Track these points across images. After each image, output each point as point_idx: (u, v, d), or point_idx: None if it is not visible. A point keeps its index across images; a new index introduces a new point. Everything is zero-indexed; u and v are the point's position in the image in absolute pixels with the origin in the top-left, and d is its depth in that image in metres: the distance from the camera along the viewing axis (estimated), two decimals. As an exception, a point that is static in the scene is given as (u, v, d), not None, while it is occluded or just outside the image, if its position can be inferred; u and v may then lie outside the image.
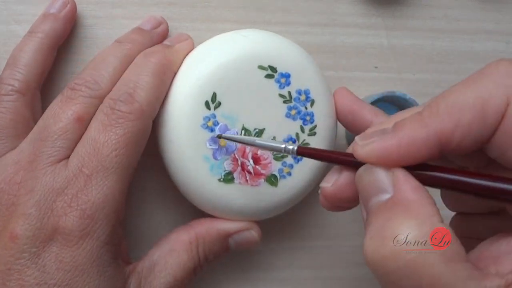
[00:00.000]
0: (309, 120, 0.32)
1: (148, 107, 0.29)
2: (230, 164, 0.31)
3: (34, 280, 0.27)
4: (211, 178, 0.31)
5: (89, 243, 0.27)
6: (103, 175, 0.28)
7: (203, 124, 0.31)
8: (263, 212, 0.33)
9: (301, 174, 0.32)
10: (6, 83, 0.31)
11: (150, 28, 0.34)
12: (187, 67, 0.32)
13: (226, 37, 0.32)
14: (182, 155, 0.31)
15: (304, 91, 0.32)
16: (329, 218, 0.38)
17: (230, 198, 0.31)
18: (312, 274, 0.38)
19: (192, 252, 0.31)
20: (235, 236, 0.33)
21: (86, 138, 0.29)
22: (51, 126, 0.29)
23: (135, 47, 0.32)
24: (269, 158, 0.32)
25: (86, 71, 0.31)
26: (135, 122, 0.29)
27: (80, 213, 0.27)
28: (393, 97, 0.35)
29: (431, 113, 0.22)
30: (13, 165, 0.29)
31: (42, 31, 0.32)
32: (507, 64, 0.22)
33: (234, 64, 0.31)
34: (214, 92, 0.31)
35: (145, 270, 0.30)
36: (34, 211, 0.27)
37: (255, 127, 0.31)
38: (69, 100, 0.29)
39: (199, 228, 0.32)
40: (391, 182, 0.22)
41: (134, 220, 0.36)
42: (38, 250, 0.27)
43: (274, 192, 0.32)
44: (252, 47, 0.31)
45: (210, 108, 0.31)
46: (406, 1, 0.38)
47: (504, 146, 0.22)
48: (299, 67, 0.32)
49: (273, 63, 0.31)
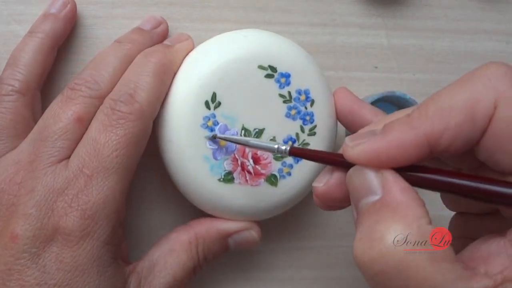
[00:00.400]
0: (309, 120, 0.32)
1: (149, 107, 0.29)
2: (230, 164, 0.31)
3: (34, 280, 0.27)
4: (211, 178, 0.31)
5: (90, 243, 0.27)
6: (103, 176, 0.28)
7: (203, 124, 0.31)
8: (263, 212, 0.33)
9: (301, 174, 0.32)
10: (7, 83, 0.31)
11: (150, 28, 0.34)
12: (187, 67, 0.32)
13: (226, 37, 0.32)
14: (182, 155, 0.31)
15: (304, 91, 0.32)
16: (329, 218, 0.38)
17: (230, 198, 0.31)
18: (312, 274, 0.38)
19: (192, 252, 0.31)
20: (234, 236, 0.33)
21: (87, 139, 0.29)
22: (51, 126, 0.29)
23: (135, 47, 0.32)
24: (269, 158, 0.32)
25: (86, 71, 0.31)
26: (135, 122, 0.29)
27: (80, 213, 0.27)
28: (393, 97, 0.35)
29: (420, 115, 0.22)
30: (13, 165, 0.29)
31: (43, 31, 0.32)
32: (497, 67, 0.22)
33: (234, 64, 0.31)
34: (214, 92, 0.31)
35: (145, 270, 0.30)
36: (35, 211, 0.27)
37: (255, 127, 0.31)
38: (69, 100, 0.29)
39: (198, 228, 0.32)
40: (380, 183, 0.22)
41: (134, 220, 0.36)
42: (39, 250, 0.27)
43: (274, 192, 0.32)
44: (252, 47, 0.31)
45: (210, 108, 0.31)
46: (406, 1, 0.38)
47: (492, 149, 0.22)
48: (299, 67, 0.32)
49: (273, 63, 0.31)
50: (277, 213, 0.33)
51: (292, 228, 0.38)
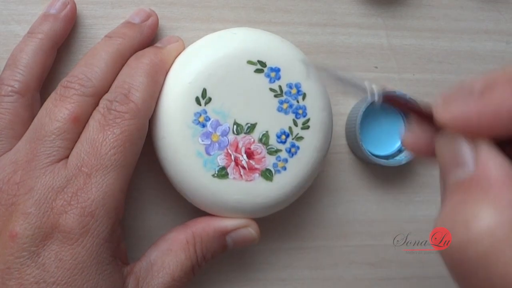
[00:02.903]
0: (301, 114, 0.32)
1: (143, 105, 0.30)
2: (224, 159, 0.31)
3: (33, 279, 0.27)
4: (205, 173, 0.31)
5: (89, 240, 0.27)
6: (102, 173, 0.28)
7: (195, 120, 0.31)
8: (260, 208, 0.32)
9: (297, 169, 0.32)
10: (6, 84, 0.31)
11: (139, 21, 0.34)
12: (177, 66, 0.32)
13: (215, 36, 0.33)
14: (175, 152, 0.31)
15: (295, 84, 0.32)
16: (329, 218, 0.38)
17: (225, 194, 0.31)
18: (312, 274, 0.38)
19: (190, 251, 0.31)
20: (232, 234, 0.32)
21: (85, 138, 0.29)
22: (48, 125, 0.29)
23: (125, 41, 0.32)
24: (262, 152, 0.32)
25: (78, 68, 0.31)
26: (131, 121, 0.29)
27: (80, 210, 0.27)
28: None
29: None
30: (10, 164, 0.29)
31: (42, 32, 0.32)
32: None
33: (223, 60, 0.31)
34: (204, 88, 0.31)
35: (143, 270, 0.30)
36: (34, 210, 0.27)
37: (247, 121, 0.32)
38: (63, 98, 0.30)
39: (196, 227, 0.32)
40: (474, 156, 0.19)
41: (133, 220, 0.36)
42: (38, 249, 0.27)
43: (270, 187, 0.32)
44: (240, 43, 0.32)
45: (201, 104, 0.31)
46: (406, 1, 0.38)
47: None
48: (289, 62, 0.32)
49: (262, 58, 0.31)
50: (275, 210, 0.33)
51: (292, 228, 0.38)
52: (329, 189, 0.38)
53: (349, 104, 0.38)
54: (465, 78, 0.39)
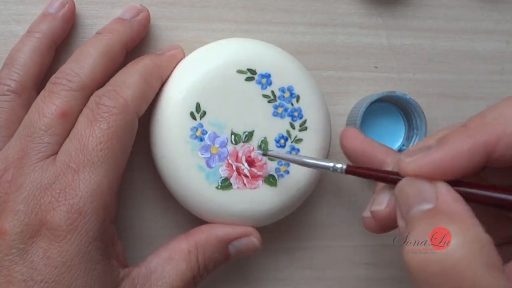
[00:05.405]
0: (297, 116, 0.32)
1: (133, 102, 0.30)
2: (225, 170, 0.31)
3: (21, 277, 0.26)
4: (209, 186, 0.31)
5: (77, 238, 0.27)
6: (90, 170, 0.28)
7: (192, 135, 0.31)
8: (266, 215, 0.32)
9: (300, 171, 0.32)
10: (3, 83, 0.31)
11: (130, 17, 0.34)
12: (170, 82, 0.32)
13: (203, 49, 0.33)
14: (177, 168, 0.31)
15: (288, 88, 0.32)
16: (329, 218, 0.38)
17: (230, 205, 0.32)
18: (312, 274, 0.38)
19: (191, 262, 0.31)
20: (235, 243, 0.32)
21: (73, 134, 0.29)
22: (36, 122, 0.29)
23: (114, 37, 0.32)
24: (263, 159, 0.32)
25: (66, 65, 0.31)
26: (119, 116, 0.29)
27: (67, 207, 0.27)
28: (393, 97, 0.35)
29: (477, 123, 0.23)
30: (1, 162, 0.29)
31: (40, 31, 0.32)
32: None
33: (213, 72, 0.31)
34: (197, 102, 0.31)
35: (142, 277, 0.30)
36: (23, 207, 0.27)
37: (244, 130, 0.32)
38: (51, 94, 0.30)
39: (198, 236, 0.32)
40: (434, 193, 0.23)
41: (131, 222, 0.36)
42: (26, 246, 0.27)
43: (274, 192, 0.32)
44: (228, 54, 0.32)
45: (196, 118, 0.31)
46: (406, 1, 0.38)
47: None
48: (279, 66, 0.32)
49: (251, 66, 0.32)
50: (281, 216, 0.33)
51: (292, 228, 0.38)
52: (329, 189, 0.38)
53: (349, 104, 0.38)
54: (465, 78, 0.39)
